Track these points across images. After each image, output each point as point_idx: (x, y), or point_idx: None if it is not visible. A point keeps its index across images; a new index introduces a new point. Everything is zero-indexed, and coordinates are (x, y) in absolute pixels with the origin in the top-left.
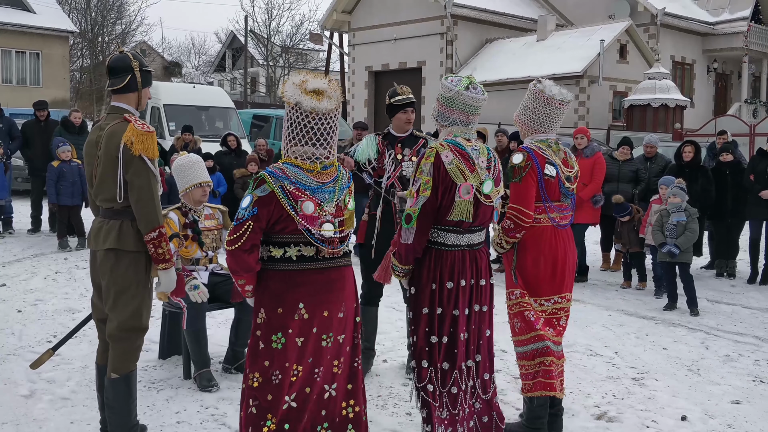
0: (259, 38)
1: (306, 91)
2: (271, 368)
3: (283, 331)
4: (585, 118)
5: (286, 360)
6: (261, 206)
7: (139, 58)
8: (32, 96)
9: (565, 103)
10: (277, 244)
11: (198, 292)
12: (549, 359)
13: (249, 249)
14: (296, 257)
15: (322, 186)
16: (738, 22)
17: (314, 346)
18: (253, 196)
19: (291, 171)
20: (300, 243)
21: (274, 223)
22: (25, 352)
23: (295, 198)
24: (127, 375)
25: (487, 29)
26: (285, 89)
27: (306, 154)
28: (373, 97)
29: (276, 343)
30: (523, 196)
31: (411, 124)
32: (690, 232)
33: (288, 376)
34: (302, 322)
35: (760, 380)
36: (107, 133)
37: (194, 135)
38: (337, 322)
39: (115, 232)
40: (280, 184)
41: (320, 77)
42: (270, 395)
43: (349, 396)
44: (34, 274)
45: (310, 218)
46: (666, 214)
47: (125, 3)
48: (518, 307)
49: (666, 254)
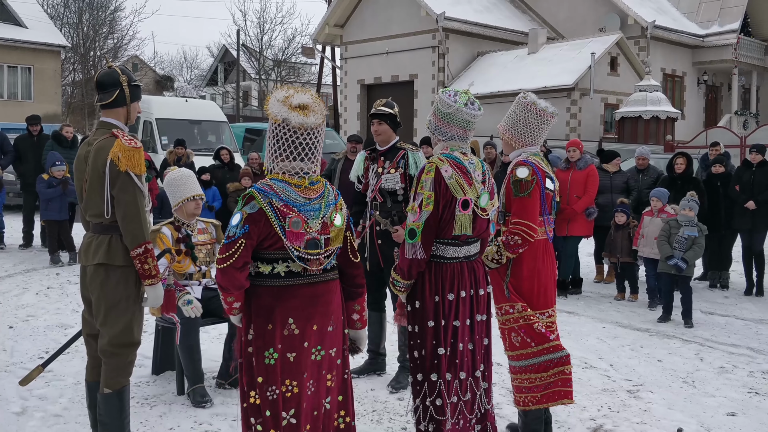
0: (251, 52)
1: (291, 106)
2: (266, 384)
3: (274, 347)
4: (576, 131)
5: (278, 375)
6: (252, 223)
7: (128, 73)
8: (24, 110)
9: (555, 115)
10: (266, 260)
11: (191, 307)
12: (568, 368)
13: (241, 267)
14: (284, 273)
15: (308, 202)
16: (727, 34)
17: (307, 361)
18: (243, 213)
19: (279, 187)
20: (288, 259)
21: (263, 240)
22: (17, 368)
23: (283, 215)
24: (119, 390)
25: (478, 42)
26: (270, 106)
27: (294, 169)
28: (365, 110)
29: (269, 359)
30: (530, 210)
31: (380, 136)
32: (698, 247)
33: (285, 392)
34: (292, 337)
35: (755, 392)
36: (95, 149)
37: (187, 149)
38: (328, 336)
39: (104, 247)
40: (269, 200)
41: (304, 91)
42: (268, 411)
43: (341, 407)
44: (26, 290)
45: (296, 235)
46: (675, 226)
47: (117, 17)
48: (523, 321)
49: (672, 267)
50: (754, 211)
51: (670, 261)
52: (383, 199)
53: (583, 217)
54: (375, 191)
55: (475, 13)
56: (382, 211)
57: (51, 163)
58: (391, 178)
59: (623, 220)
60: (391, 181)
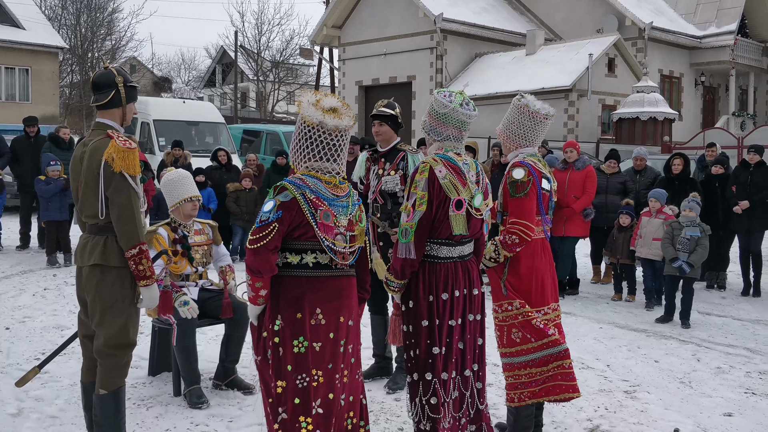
0: (249, 53)
1: (324, 110)
2: (295, 372)
3: (304, 335)
4: (574, 132)
5: (309, 363)
6: (285, 210)
7: (123, 74)
8: (22, 112)
9: (549, 116)
10: (294, 250)
11: (188, 308)
12: (568, 362)
13: (273, 249)
14: (313, 264)
15: (337, 198)
16: (724, 35)
17: (332, 352)
18: (276, 201)
19: (310, 181)
20: (316, 250)
21: (294, 229)
22: (13, 369)
23: (315, 206)
24: (115, 391)
25: (476, 44)
26: (304, 110)
27: (325, 170)
28: (363, 111)
29: (298, 348)
30: (527, 211)
31: (381, 137)
32: (701, 248)
33: (312, 381)
34: (320, 327)
35: (752, 392)
36: (90, 150)
37: (184, 150)
38: (351, 330)
39: (99, 248)
40: (301, 191)
41: (331, 95)
42: (297, 398)
43: (350, 407)
44: (23, 291)
45: (327, 227)
46: (678, 227)
47: (115, 19)
48: (522, 317)
49: (676, 269)
50: (751, 211)
51: (674, 263)
52: (384, 201)
53: (579, 218)
54: (376, 193)
55: (472, 14)
56: (382, 213)
57: (46, 163)
58: (391, 179)
59: (627, 222)
60: (391, 183)
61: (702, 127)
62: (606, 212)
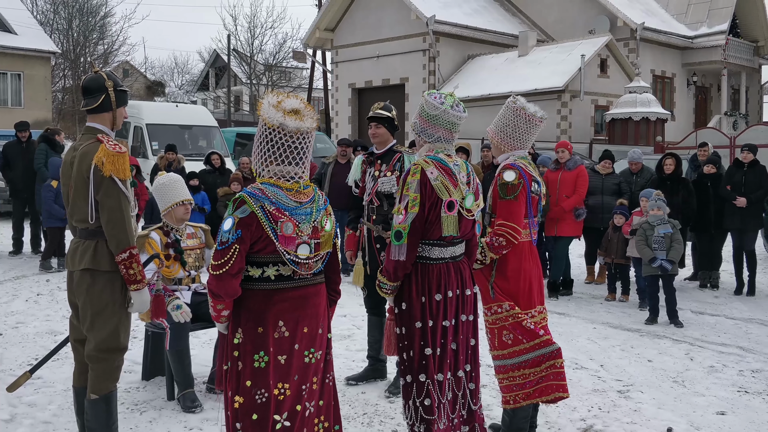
0: (242, 57)
1: (285, 111)
2: (254, 388)
3: (264, 350)
4: (567, 133)
5: (269, 378)
6: (244, 228)
7: (114, 78)
8: (14, 117)
9: (543, 119)
10: (256, 264)
11: (180, 312)
12: (560, 361)
13: (236, 273)
14: (275, 276)
15: (299, 206)
16: (716, 35)
17: (298, 363)
18: (235, 218)
19: (270, 191)
20: (278, 263)
21: (254, 243)
22: (6, 375)
23: (275, 219)
24: (106, 395)
25: (468, 45)
26: (264, 111)
27: (288, 174)
28: (356, 114)
29: (258, 362)
30: (516, 213)
31: (376, 138)
32: (677, 243)
33: (273, 395)
34: (283, 340)
35: (745, 390)
36: (80, 154)
37: (177, 154)
38: (318, 338)
39: (90, 253)
40: (260, 204)
41: (293, 96)
42: (255, 414)
43: (320, 412)
44: (16, 297)
45: (288, 239)
46: (648, 228)
47: (107, 23)
48: (513, 319)
49: (656, 268)
50: (744, 210)
51: (654, 263)
52: (380, 203)
53: (571, 217)
54: (372, 195)
55: (465, 16)
56: (378, 214)
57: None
58: (388, 181)
59: (622, 222)
60: (388, 185)
61: (694, 127)
62: (601, 213)
